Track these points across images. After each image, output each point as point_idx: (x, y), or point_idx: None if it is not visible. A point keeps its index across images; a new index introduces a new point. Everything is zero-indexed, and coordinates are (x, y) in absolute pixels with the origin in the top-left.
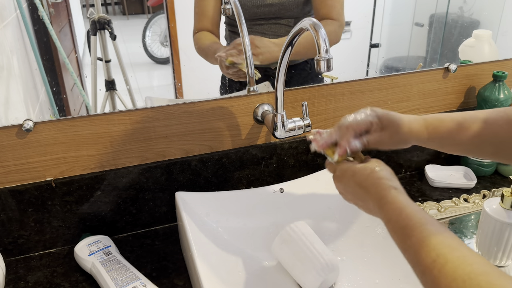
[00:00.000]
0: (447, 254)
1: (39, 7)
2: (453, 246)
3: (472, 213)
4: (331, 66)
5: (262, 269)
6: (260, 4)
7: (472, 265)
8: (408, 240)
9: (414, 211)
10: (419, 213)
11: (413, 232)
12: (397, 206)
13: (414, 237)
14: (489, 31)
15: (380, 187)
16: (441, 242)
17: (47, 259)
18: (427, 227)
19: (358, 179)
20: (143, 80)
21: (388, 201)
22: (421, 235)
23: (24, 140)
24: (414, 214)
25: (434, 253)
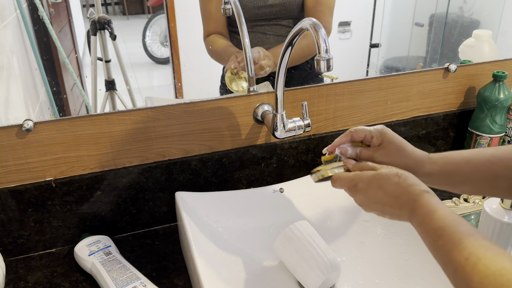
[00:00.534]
0: (479, 253)
1: (39, 7)
2: (486, 246)
3: (472, 213)
4: (331, 66)
5: (262, 269)
6: (261, 5)
7: (503, 262)
8: (440, 240)
9: (447, 213)
10: (452, 215)
11: (445, 232)
12: (430, 209)
13: (446, 237)
14: (489, 31)
15: (413, 193)
16: (473, 242)
17: (47, 259)
18: (459, 228)
19: (387, 189)
20: (143, 80)
21: (421, 205)
22: (454, 235)
23: (24, 140)
24: (447, 216)
25: (466, 251)
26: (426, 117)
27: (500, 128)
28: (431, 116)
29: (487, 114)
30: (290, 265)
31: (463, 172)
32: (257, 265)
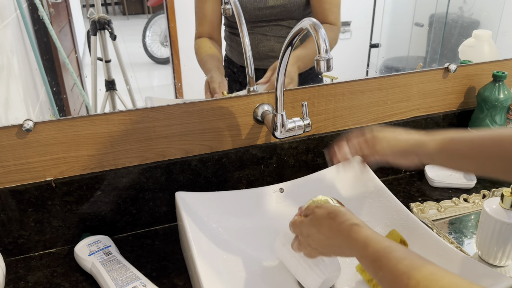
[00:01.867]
0: (417, 274)
1: (39, 7)
2: (421, 266)
3: (472, 213)
4: (331, 66)
5: (262, 269)
6: (261, 6)
7: (442, 279)
8: (380, 272)
9: (378, 242)
10: (383, 243)
11: (383, 263)
12: (363, 243)
13: (384, 267)
14: (489, 31)
15: (344, 231)
16: (408, 265)
17: (47, 259)
18: (393, 255)
19: (324, 233)
20: (143, 80)
21: (355, 240)
22: (390, 264)
23: (24, 140)
24: (379, 246)
25: (405, 277)
26: (426, 117)
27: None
28: (431, 116)
29: (487, 114)
30: (290, 265)
31: (463, 152)
32: (257, 265)
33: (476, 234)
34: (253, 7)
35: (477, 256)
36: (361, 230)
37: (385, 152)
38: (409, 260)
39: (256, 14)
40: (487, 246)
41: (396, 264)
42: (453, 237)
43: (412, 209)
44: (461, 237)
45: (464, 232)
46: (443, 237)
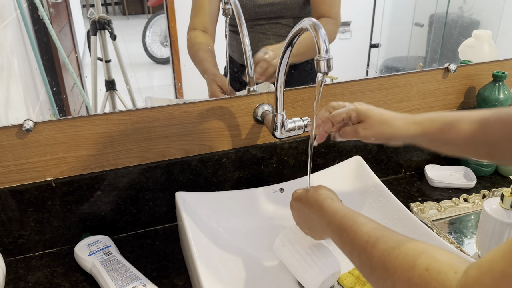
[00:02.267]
0: (377, 233)
1: (39, 7)
2: (381, 228)
3: (472, 213)
4: (331, 66)
5: (262, 269)
6: (261, 3)
7: (399, 236)
8: (344, 234)
9: (347, 211)
10: (351, 212)
11: (347, 225)
12: (332, 211)
13: (348, 229)
14: (489, 31)
15: (319, 201)
16: (370, 227)
17: (47, 259)
18: (358, 219)
19: (304, 201)
20: (143, 80)
21: (325, 209)
22: (354, 226)
23: (24, 140)
24: (347, 213)
25: (366, 235)
26: None
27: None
28: None
29: None
30: (290, 265)
31: (445, 135)
32: (257, 265)
33: (476, 234)
34: (252, 4)
35: (477, 256)
36: (333, 202)
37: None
38: (372, 223)
39: (256, 11)
40: (487, 246)
41: (359, 226)
42: (453, 237)
43: (412, 209)
44: (461, 237)
45: (464, 232)
46: (443, 237)
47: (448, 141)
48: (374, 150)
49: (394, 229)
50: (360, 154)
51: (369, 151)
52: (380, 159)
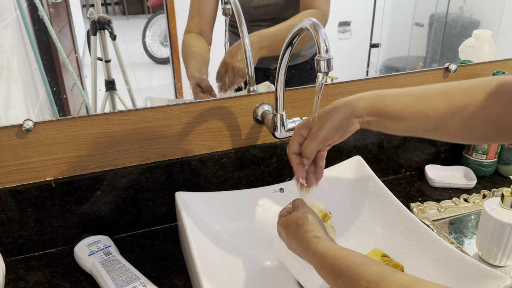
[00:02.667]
0: (376, 277)
1: (39, 7)
2: (379, 270)
3: (472, 213)
4: (331, 66)
5: (262, 269)
6: (256, 5)
7: (400, 279)
8: (339, 279)
9: (338, 251)
10: (342, 251)
11: (341, 270)
12: (322, 253)
13: (343, 274)
14: (489, 31)
15: (304, 241)
16: (367, 270)
17: (47, 259)
18: (352, 261)
19: (289, 235)
20: (143, 80)
21: (313, 251)
22: (349, 270)
23: (24, 140)
24: (338, 253)
25: (364, 280)
26: None
27: None
28: None
29: None
30: (290, 266)
31: (391, 111)
32: (257, 265)
33: (476, 234)
34: (247, 6)
35: (477, 256)
36: (320, 242)
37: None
38: (367, 265)
39: (251, 13)
40: (487, 246)
41: (355, 269)
42: (453, 237)
43: (412, 209)
44: (461, 237)
45: (464, 232)
46: (443, 237)
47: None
48: (374, 150)
49: (394, 229)
50: (360, 154)
51: (369, 151)
52: (380, 159)
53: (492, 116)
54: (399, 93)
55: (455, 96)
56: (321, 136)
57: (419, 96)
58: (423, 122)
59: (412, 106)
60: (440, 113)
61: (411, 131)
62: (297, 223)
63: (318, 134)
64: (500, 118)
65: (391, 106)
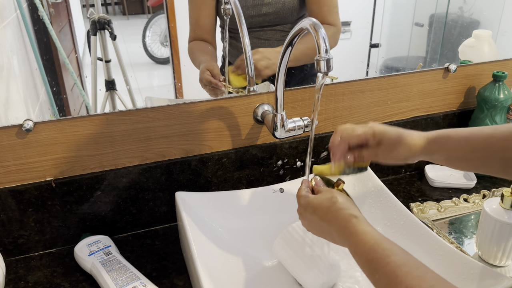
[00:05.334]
0: (416, 285)
1: (39, 7)
2: (420, 276)
3: (472, 213)
4: (331, 66)
5: (262, 269)
6: (254, 14)
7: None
8: (376, 274)
9: (378, 241)
10: (383, 243)
11: (379, 265)
12: (360, 238)
13: (381, 270)
14: (489, 31)
15: (340, 218)
16: (408, 274)
17: (47, 259)
18: (392, 258)
19: (320, 214)
20: (143, 80)
21: (351, 233)
22: (387, 268)
23: (24, 140)
24: (378, 245)
25: (403, 286)
26: (426, 117)
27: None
28: (431, 116)
29: (487, 114)
30: (290, 266)
31: (461, 151)
32: (257, 265)
33: (476, 234)
34: (246, 15)
35: (477, 256)
36: (360, 224)
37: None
38: (408, 267)
39: (249, 21)
40: (487, 246)
41: (394, 270)
42: (453, 237)
43: (412, 209)
44: (461, 237)
45: (464, 232)
46: (443, 237)
47: (463, 158)
48: None
49: (394, 229)
50: None
51: None
52: None
53: None
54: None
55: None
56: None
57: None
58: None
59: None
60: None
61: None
62: (331, 201)
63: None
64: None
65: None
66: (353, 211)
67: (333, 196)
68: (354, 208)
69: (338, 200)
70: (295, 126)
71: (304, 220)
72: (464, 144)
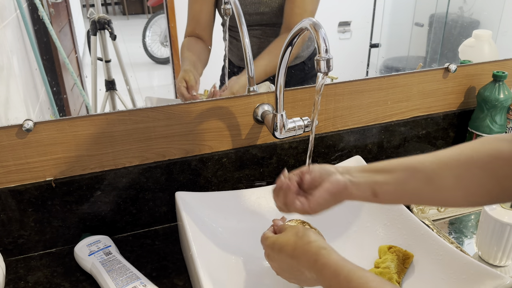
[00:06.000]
0: None
1: (39, 7)
2: None
3: (472, 213)
4: (331, 66)
5: (262, 269)
6: (252, 12)
7: None
8: None
9: (351, 271)
10: (356, 272)
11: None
12: (333, 270)
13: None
14: (489, 31)
15: (310, 253)
16: None
17: (47, 259)
18: (369, 285)
19: (287, 251)
20: (143, 80)
21: (322, 265)
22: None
23: (24, 140)
24: (353, 274)
25: None
26: (426, 117)
27: (500, 128)
28: (431, 116)
29: (487, 114)
30: None
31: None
32: (257, 265)
33: (476, 234)
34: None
35: (477, 256)
36: (330, 254)
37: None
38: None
39: (247, 19)
40: (487, 246)
41: None
42: (453, 237)
43: (412, 209)
44: (461, 237)
45: (464, 232)
46: (443, 237)
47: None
48: (374, 150)
49: (394, 229)
50: (360, 154)
51: (369, 151)
52: (380, 159)
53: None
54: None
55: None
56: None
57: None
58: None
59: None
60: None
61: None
62: (297, 235)
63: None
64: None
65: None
66: (322, 243)
67: (299, 231)
68: (322, 240)
69: (305, 234)
70: (295, 126)
71: (273, 262)
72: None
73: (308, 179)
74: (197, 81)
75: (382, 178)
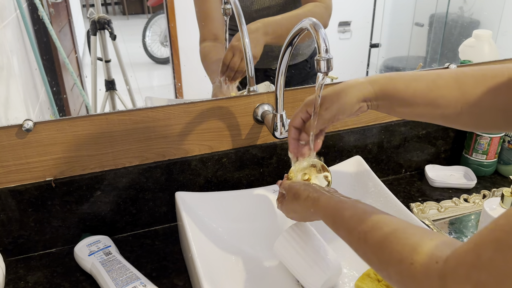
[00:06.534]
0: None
1: (39, 7)
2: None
3: (472, 213)
4: (331, 66)
5: (262, 269)
6: (258, 8)
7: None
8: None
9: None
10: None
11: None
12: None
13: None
14: (489, 31)
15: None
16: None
17: (47, 259)
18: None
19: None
20: (143, 80)
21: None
22: (355, 211)
23: (24, 140)
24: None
25: (356, 231)
26: None
27: None
28: None
29: None
30: (291, 266)
31: (402, 96)
32: (257, 265)
33: None
34: (250, 10)
35: None
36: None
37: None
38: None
39: (253, 16)
40: None
41: (364, 213)
42: (453, 237)
43: (412, 209)
44: (461, 237)
45: (464, 232)
46: None
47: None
48: (374, 150)
49: None
50: (360, 154)
51: (369, 151)
52: (380, 159)
53: (503, 105)
54: (412, 77)
55: (467, 83)
56: (327, 118)
57: (431, 82)
58: (433, 109)
59: (424, 93)
60: (451, 102)
61: (420, 116)
62: (294, 197)
63: (324, 115)
64: (510, 108)
65: (402, 91)
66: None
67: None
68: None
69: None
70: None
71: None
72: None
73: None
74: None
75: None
